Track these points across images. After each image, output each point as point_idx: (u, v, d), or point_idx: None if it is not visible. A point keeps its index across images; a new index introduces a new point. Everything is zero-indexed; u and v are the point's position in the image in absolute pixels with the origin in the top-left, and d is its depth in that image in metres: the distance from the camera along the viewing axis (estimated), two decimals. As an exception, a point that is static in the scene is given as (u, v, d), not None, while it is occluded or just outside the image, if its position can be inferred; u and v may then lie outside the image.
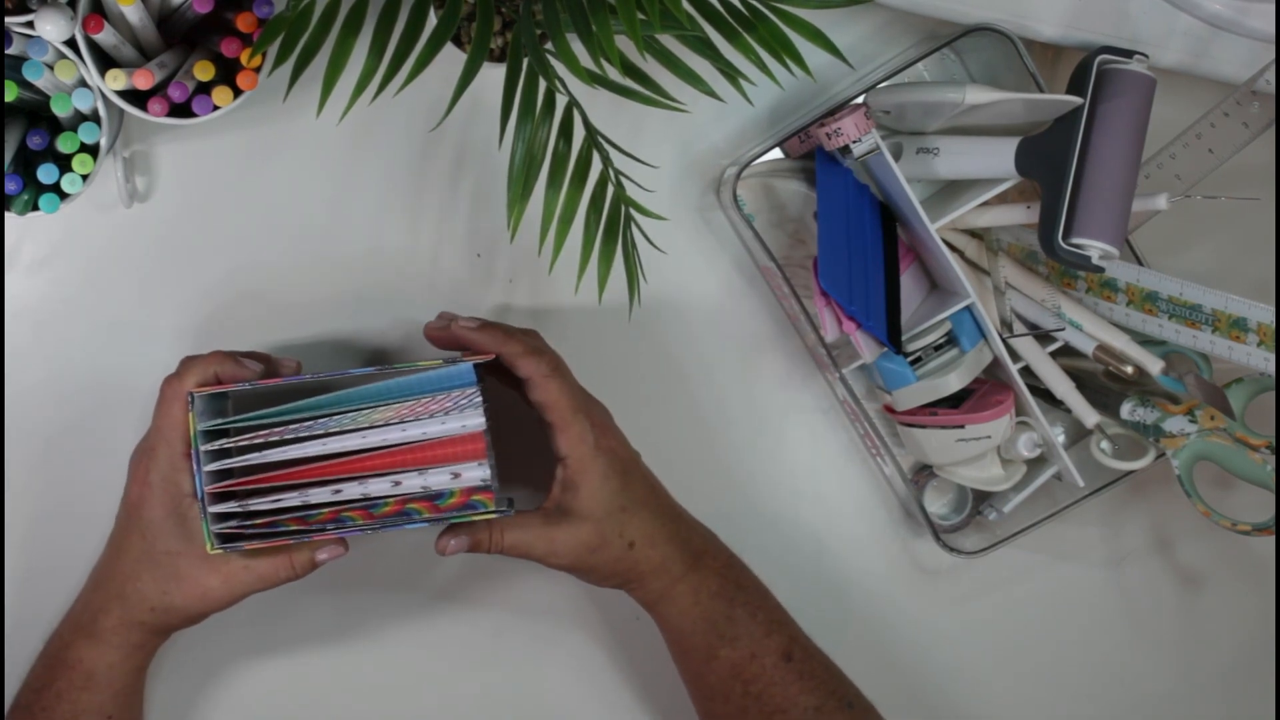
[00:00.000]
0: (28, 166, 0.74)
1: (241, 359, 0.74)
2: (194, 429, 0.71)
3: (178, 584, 0.72)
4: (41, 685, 0.74)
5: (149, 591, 0.72)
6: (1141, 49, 0.79)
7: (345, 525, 0.72)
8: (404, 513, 0.72)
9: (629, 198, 0.71)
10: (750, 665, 0.77)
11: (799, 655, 0.79)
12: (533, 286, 0.85)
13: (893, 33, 0.85)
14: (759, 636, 0.78)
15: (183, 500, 0.71)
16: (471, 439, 0.72)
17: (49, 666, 0.75)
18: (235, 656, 0.84)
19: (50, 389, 0.81)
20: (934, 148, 0.81)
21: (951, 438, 0.82)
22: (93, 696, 0.74)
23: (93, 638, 0.74)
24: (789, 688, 0.77)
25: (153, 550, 0.72)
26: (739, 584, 0.79)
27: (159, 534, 0.72)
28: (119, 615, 0.73)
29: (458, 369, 0.72)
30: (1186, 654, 0.93)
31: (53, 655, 0.75)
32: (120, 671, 0.74)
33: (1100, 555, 0.92)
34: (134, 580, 0.73)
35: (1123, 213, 0.77)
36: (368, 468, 0.72)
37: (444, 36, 0.65)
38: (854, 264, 0.79)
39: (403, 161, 0.83)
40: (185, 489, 0.71)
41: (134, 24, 0.71)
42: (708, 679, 0.78)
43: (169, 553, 0.72)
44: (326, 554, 0.74)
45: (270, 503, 0.72)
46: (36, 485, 0.82)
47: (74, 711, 0.73)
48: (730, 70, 0.70)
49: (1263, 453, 0.80)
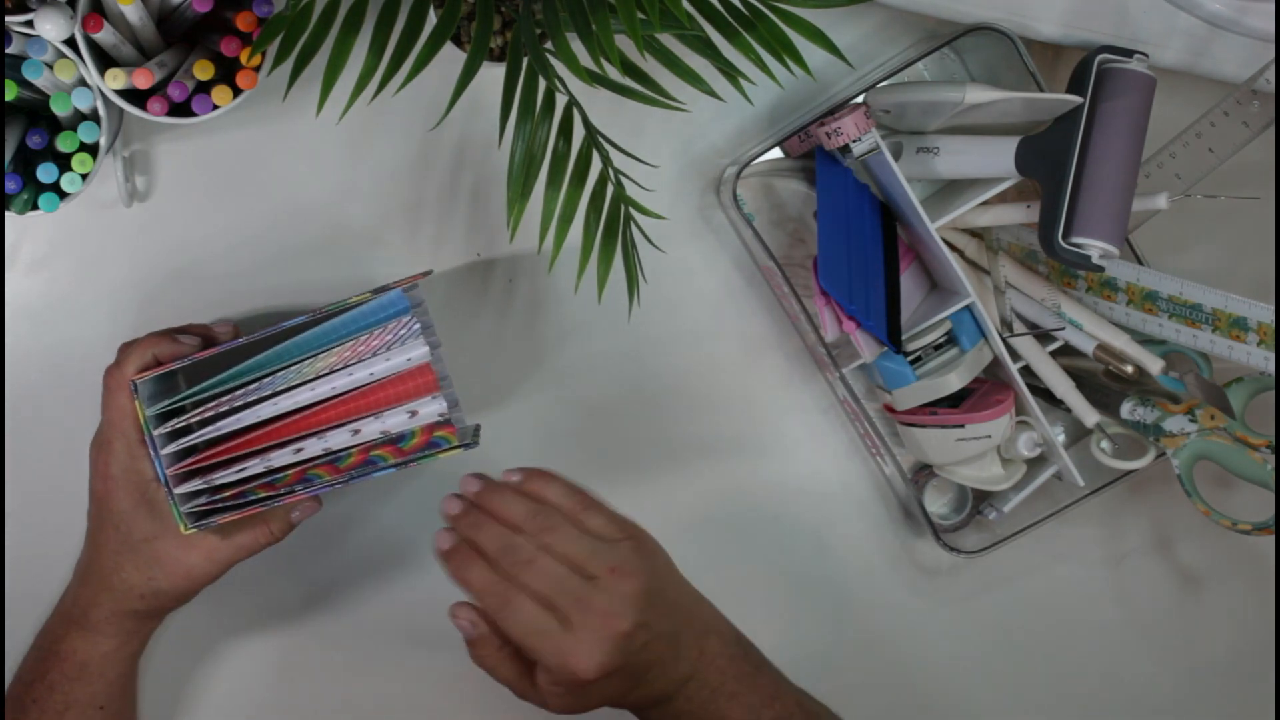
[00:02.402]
0: (27, 165, 0.74)
1: (176, 335, 0.73)
2: (143, 416, 0.71)
3: (160, 568, 0.72)
4: (33, 678, 0.74)
5: (134, 580, 0.72)
6: (1141, 48, 0.79)
7: (313, 484, 0.72)
8: (369, 461, 0.72)
9: (629, 197, 0.71)
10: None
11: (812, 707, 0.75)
12: (533, 286, 0.85)
13: (893, 32, 0.85)
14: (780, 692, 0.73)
15: (148, 486, 0.71)
16: (419, 372, 0.70)
17: (41, 659, 0.75)
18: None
19: (50, 388, 0.81)
20: (934, 147, 0.81)
21: (951, 437, 0.82)
22: (85, 687, 0.74)
23: (85, 629, 0.74)
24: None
25: (129, 540, 0.72)
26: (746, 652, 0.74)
27: (132, 523, 0.72)
28: (109, 606, 0.73)
29: (388, 298, 0.70)
30: (1186, 654, 0.93)
31: (45, 648, 0.75)
32: (114, 660, 0.74)
33: (1100, 555, 0.92)
34: (118, 572, 0.73)
35: (1123, 212, 0.77)
36: (323, 420, 0.71)
37: (443, 36, 0.65)
38: (854, 263, 0.79)
39: (403, 161, 0.83)
40: (148, 475, 0.71)
41: (133, 23, 0.71)
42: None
43: (146, 539, 0.72)
44: (300, 513, 0.75)
45: (235, 474, 0.71)
46: (36, 485, 0.82)
47: (66, 702, 0.73)
48: (730, 69, 0.70)
49: (1263, 452, 0.80)
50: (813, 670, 0.80)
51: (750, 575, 0.87)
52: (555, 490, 0.71)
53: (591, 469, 0.80)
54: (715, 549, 0.87)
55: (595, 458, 0.82)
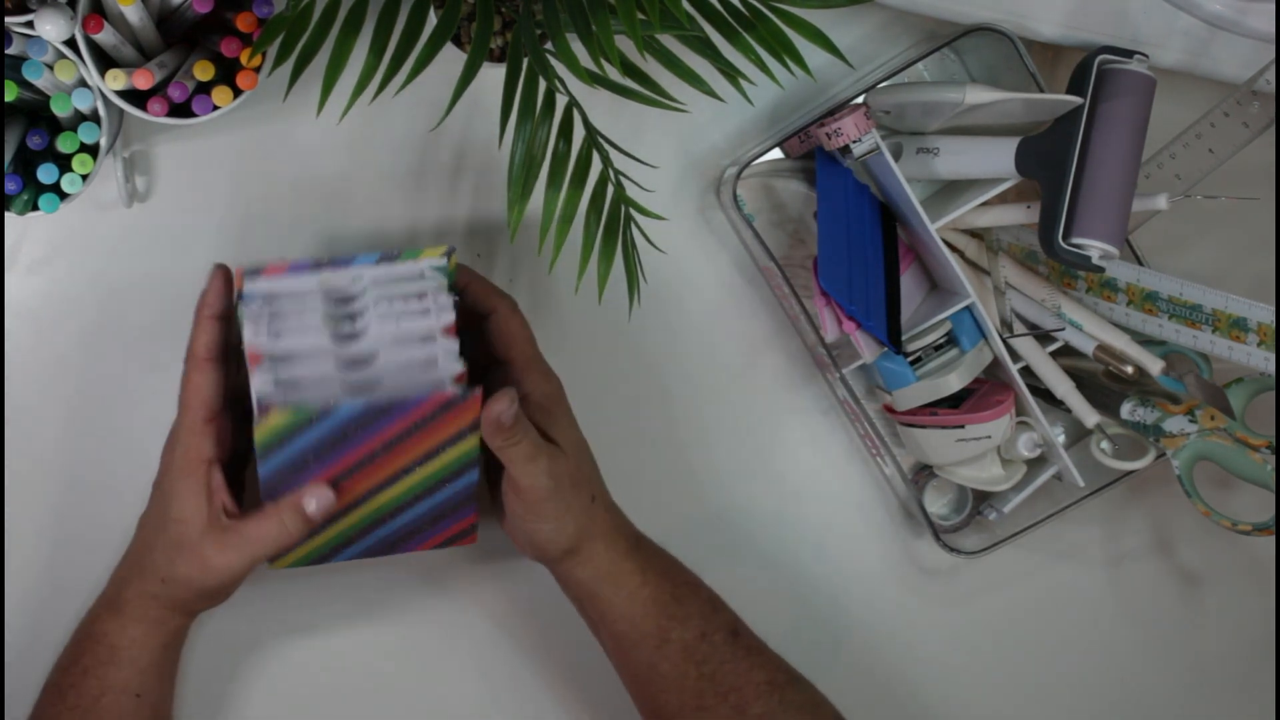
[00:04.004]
0: (27, 166, 0.74)
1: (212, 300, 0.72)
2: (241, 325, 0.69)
3: (180, 552, 0.71)
4: (69, 662, 0.74)
5: (160, 561, 0.71)
6: (1141, 49, 0.79)
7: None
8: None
9: (629, 198, 0.71)
10: (701, 645, 0.75)
11: (744, 630, 0.77)
12: (533, 286, 0.85)
13: (893, 33, 0.85)
14: (707, 614, 0.76)
15: (201, 466, 0.70)
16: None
17: (77, 641, 0.74)
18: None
19: (50, 389, 0.81)
20: (934, 148, 0.81)
21: (951, 438, 0.82)
22: (119, 672, 0.73)
23: (115, 610, 0.73)
24: (739, 664, 0.75)
25: (166, 517, 0.71)
26: (674, 562, 0.78)
27: (172, 500, 0.70)
28: (137, 585, 0.73)
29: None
30: (1186, 654, 0.93)
31: (81, 631, 0.75)
32: (144, 648, 0.73)
33: (1100, 555, 0.92)
34: (150, 550, 0.72)
35: (1123, 213, 0.77)
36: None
37: (444, 36, 0.65)
38: (854, 264, 0.79)
39: (403, 161, 0.83)
40: (205, 454, 0.70)
41: (134, 24, 0.71)
42: (660, 667, 0.75)
43: (179, 520, 0.70)
44: (315, 502, 0.70)
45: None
46: (36, 484, 0.82)
47: (101, 687, 0.72)
48: (730, 70, 0.70)
49: (1263, 453, 0.80)
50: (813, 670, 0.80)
51: (750, 575, 0.87)
52: None
53: (591, 469, 0.80)
54: (714, 549, 0.87)
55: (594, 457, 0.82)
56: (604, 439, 0.85)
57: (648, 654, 0.75)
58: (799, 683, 0.78)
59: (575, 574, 0.76)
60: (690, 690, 0.75)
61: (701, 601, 0.77)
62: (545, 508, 0.73)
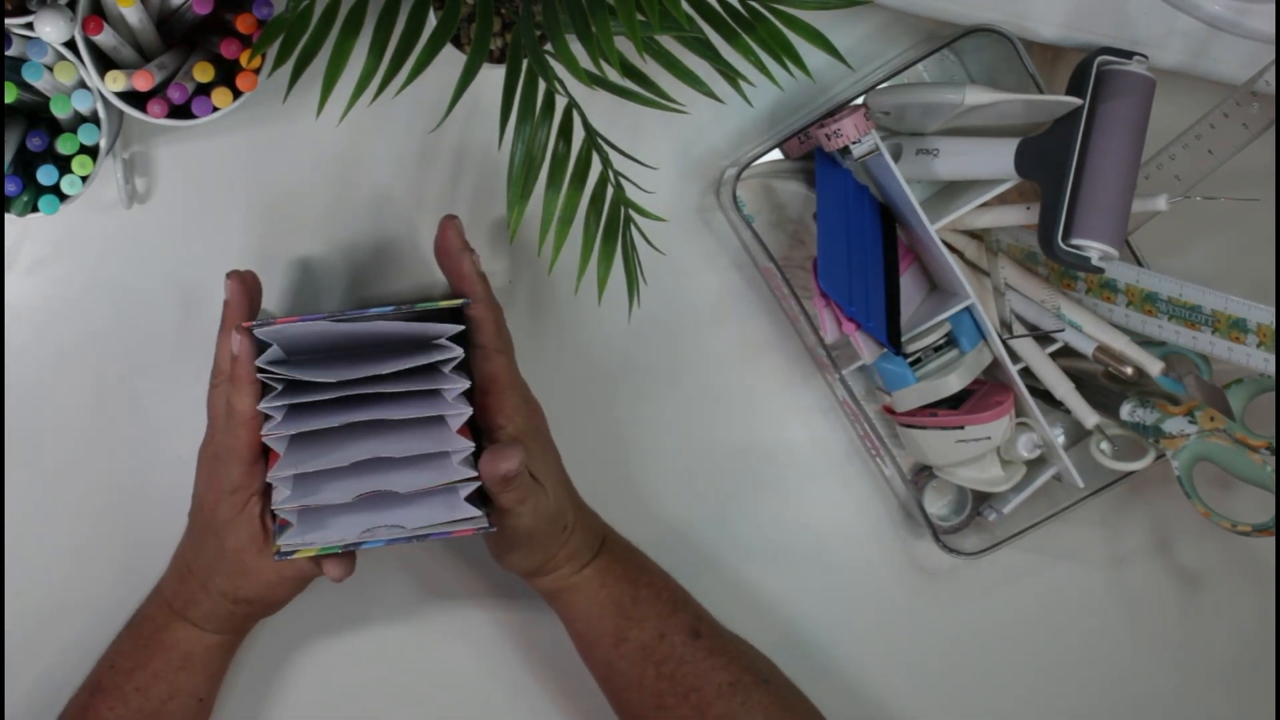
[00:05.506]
0: (27, 168, 0.74)
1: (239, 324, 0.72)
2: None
3: (244, 579, 0.74)
4: (134, 666, 0.76)
5: (225, 587, 0.74)
6: (1141, 50, 0.79)
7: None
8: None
9: (628, 199, 0.71)
10: (660, 645, 0.77)
11: (706, 632, 0.79)
12: (533, 287, 0.85)
13: (892, 33, 0.85)
14: (665, 615, 0.78)
15: (250, 500, 0.72)
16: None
17: (144, 646, 0.77)
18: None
19: (50, 389, 0.81)
20: (934, 148, 0.81)
21: (951, 438, 0.82)
22: (190, 677, 0.76)
23: (189, 623, 0.76)
24: (699, 664, 0.77)
25: (223, 548, 0.73)
26: (641, 566, 0.80)
27: (228, 533, 0.73)
28: (208, 606, 0.76)
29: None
30: (1186, 654, 0.93)
31: (148, 636, 0.77)
32: (215, 655, 0.77)
33: (1100, 556, 0.92)
34: (212, 577, 0.75)
35: (1122, 213, 0.77)
36: None
37: (444, 37, 0.65)
38: (854, 265, 0.79)
39: (402, 162, 0.83)
40: (255, 489, 0.72)
41: (133, 25, 0.71)
42: (618, 665, 0.78)
43: (237, 550, 0.73)
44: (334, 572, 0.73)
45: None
46: (35, 485, 0.82)
47: (171, 691, 0.76)
48: (730, 71, 0.70)
49: (1263, 453, 0.80)
50: (812, 670, 0.80)
51: (749, 576, 0.87)
52: None
53: (589, 468, 0.80)
54: (713, 549, 0.87)
55: (593, 457, 0.82)
56: (603, 439, 0.85)
57: (604, 652, 0.78)
58: (769, 685, 0.79)
59: (536, 583, 0.79)
60: (649, 689, 0.77)
61: (661, 603, 0.78)
62: (521, 543, 0.75)
